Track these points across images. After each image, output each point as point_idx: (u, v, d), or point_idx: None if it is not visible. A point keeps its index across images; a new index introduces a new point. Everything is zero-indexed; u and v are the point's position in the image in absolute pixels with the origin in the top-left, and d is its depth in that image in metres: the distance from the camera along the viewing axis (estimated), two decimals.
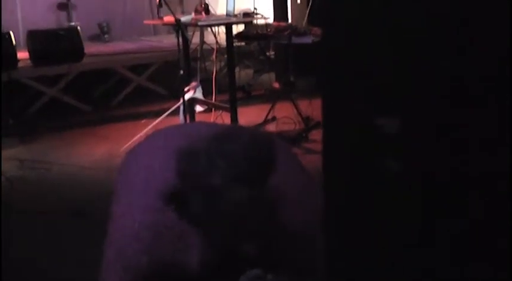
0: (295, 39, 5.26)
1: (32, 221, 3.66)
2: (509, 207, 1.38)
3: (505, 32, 1.31)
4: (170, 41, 7.60)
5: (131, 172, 1.79)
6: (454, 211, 1.44)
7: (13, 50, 6.34)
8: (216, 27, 5.85)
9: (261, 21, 5.79)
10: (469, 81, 1.39)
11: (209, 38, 6.96)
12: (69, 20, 7.91)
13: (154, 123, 5.24)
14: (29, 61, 6.57)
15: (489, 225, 1.44)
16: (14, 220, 1.64)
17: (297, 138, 5.09)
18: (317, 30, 5.32)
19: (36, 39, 6.50)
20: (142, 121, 5.76)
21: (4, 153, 5.26)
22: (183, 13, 6.47)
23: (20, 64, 6.44)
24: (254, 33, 5.63)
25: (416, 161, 1.48)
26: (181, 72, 5.00)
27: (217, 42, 6.00)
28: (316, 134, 5.17)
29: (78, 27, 6.87)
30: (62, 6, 8.03)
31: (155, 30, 8.90)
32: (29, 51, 6.58)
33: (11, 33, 6.36)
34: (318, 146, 4.91)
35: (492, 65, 1.36)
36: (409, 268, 1.54)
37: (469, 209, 1.44)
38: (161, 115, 5.39)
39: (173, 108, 5.34)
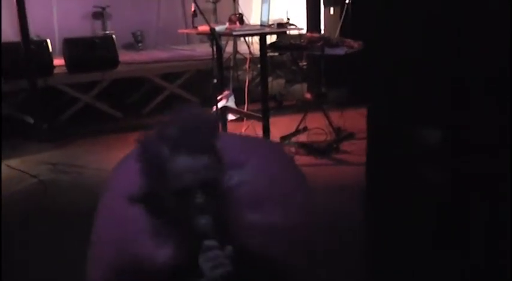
0: (328, 51, 5.25)
1: (64, 223, 3.73)
2: None
3: None
4: (203, 50, 7.66)
5: (112, 177, 1.91)
6: (497, 218, 1.42)
7: (49, 58, 6.46)
8: (249, 37, 5.86)
9: (293, 32, 5.80)
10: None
11: (241, 48, 6.98)
12: (104, 29, 8.02)
13: None
14: (64, 68, 6.67)
15: None
16: (46, 221, 1.67)
17: (328, 149, 5.07)
18: (350, 42, 5.31)
19: (72, 47, 6.60)
20: None
21: (37, 157, 5.37)
22: (217, 22, 6.51)
23: (55, 71, 6.55)
24: (288, 43, 5.64)
25: (460, 169, 1.47)
26: (215, 81, 5.02)
27: (250, 52, 6.01)
28: (347, 145, 5.15)
29: (113, 36, 6.96)
30: (97, 15, 8.15)
31: (188, 39, 8.98)
32: (64, 59, 6.68)
33: (48, 41, 6.47)
34: (349, 157, 4.90)
35: None
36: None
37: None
38: None
39: None
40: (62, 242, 3.47)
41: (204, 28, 5.14)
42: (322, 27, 6.94)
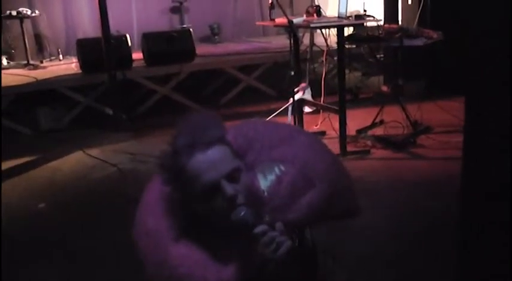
0: (407, 42, 5.16)
1: None
2: None
3: None
4: (279, 42, 7.68)
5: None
6: None
7: (128, 52, 6.62)
8: (326, 29, 5.82)
9: (370, 23, 5.72)
10: None
11: (317, 40, 6.96)
12: (182, 22, 8.16)
13: None
14: (142, 61, 6.83)
15: None
16: (125, 208, 1.73)
17: (405, 142, 4.99)
18: (429, 32, 5.20)
19: (151, 40, 6.75)
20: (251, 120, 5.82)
21: (117, 146, 5.53)
22: (293, 15, 6.51)
23: (134, 64, 6.72)
24: (365, 35, 5.58)
25: None
26: (292, 73, 5.03)
27: (327, 44, 5.98)
28: (424, 139, 5.06)
29: (191, 29, 7.06)
30: (175, 9, 8.31)
31: (264, 32, 9.02)
32: (143, 52, 6.85)
33: (127, 36, 6.64)
34: (426, 152, 4.82)
35: None
36: None
37: None
38: (269, 115, 5.43)
39: (282, 108, 5.38)
40: None
41: (281, 20, 5.14)
42: (399, 17, 6.82)
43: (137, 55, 6.83)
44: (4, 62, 7.28)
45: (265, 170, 1.75)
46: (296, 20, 4.88)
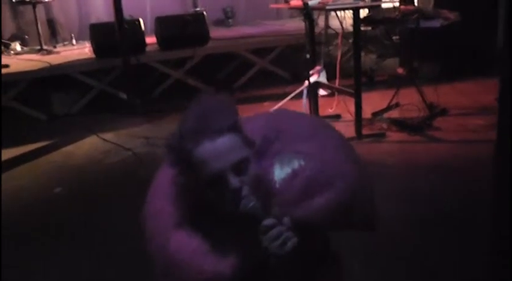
0: (423, 23, 5.12)
1: None
2: None
3: None
4: (293, 25, 7.66)
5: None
6: None
7: (142, 36, 6.63)
8: (342, 11, 5.78)
9: (386, 5, 5.68)
10: None
11: (332, 22, 6.91)
12: (195, 6, 8.13)
13: (277, 105, 5.29)
14: (156, 46, 6.84)
15: None
16: (140, 191, 1.75)
17: (421, 125, 4.97)
18: (446, 13, 5.15)
19: (164, 24, 6.75)
20: (265, 103, 5.84)
21: (131, 130, 5.56)
22: None
23: (147, 49, 6.73)
24: (381, 17, 5.53)
25: None
26: (307, 56, 5.00)
27: (342, 26, 5.94)
28: (441, 122, 5.04)
29: (204, 13, 7.04)
30: None
31: (278, 15, 8.98)
32: (156, 36, 6.85)
33: (140, 20, 6.64)
34: (442, 134, 4.80)
35: None
36: None
37: None
38: (283, 98, 5.43)
39: (298, 91, 5.37)
40: None
41: (296, 2, 5.12)
42: None
43: (151, 39, 6.85)
44: (18, 47, 7.31)
45: (283, 162, 1.70)
46: (311, 2, 4.84)
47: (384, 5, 5.66)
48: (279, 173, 1.68)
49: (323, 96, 5.80)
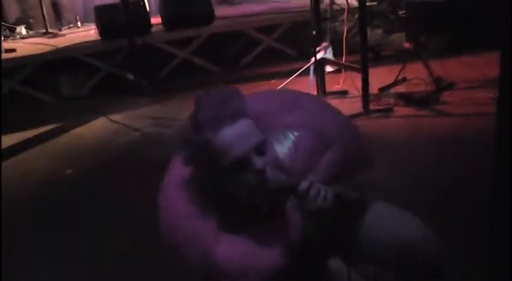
0: None
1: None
2: None
3: None
4: (298, 1, 7.64)
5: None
6: None
7: (147, 16, 6.65)
8: None
9: None
10: None
11: None
12: None
13: (285, 83, 5.32)
14: (161, 26, 6.85)
15: None
16: (151, 172, 1.77)
17: (428, 100, 4.98)
18: None
19: (169, 4, 6.75)
20: (272, 81, 5.86)
21: (139, 111, 5.62)
22: None
23: (153, 29, 6.75)
24: None
25: None
26: (314, 32, 5.01)
27: (347, 2, 5.94)
28: (448, 96, 5.04)
29: None
30: None
31: None
32: (161, 17, 6.85)
33: (145, 0, 6.65)
34: (450, 108, 4.81)
35: None
36: None
37: None
38: (290, 76, 5.45)
39: (304, 68, 5.38)
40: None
41: None
42: None
43: (156, 19, 6.87)
44: (23, 31, 7.35)
45: (279, 138, 1.76)
46: None
47: None
48: (281, 149, 1.74)
49: (330, 72, 5.80)
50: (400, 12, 6.93)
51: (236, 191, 1.65)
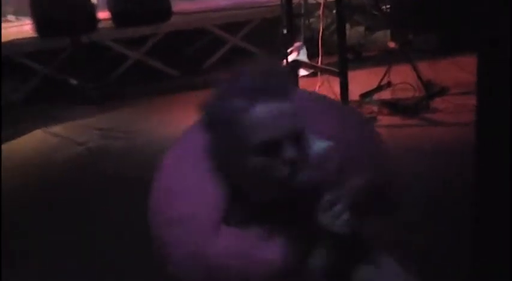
0: None
1: (116, 194, 3.83)
2: None
3: None
4: None
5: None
6: None
7: (93, 10, 6.59)
8: None
9: None
10: None
11: None
12: None
13: None
14: (110, 22, 6.79)
15: None
16: (95, 193, 1.74)
17: (416, 107, 5.01)
18: None
19: None
20: None
21: (83, 122, 5.56)
22: None
23: (100, 25, 6.69)
24: None
25: None
26: (284, 31, 5.01)
27: None
28: (439, 102, 5.08)
29: None
30: None
31: None
32: (110, 11, 6.79)
33: None
34: (441, 116, 4.84)
35: None
36: None
37: None
38: None
39: None
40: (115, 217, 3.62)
41: None
42: None
43: (103, 14, 6.81)
44: None
45: (312, 139, 1.72)
46: None
47: None
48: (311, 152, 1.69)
49: (304, 76, 5.82)
50: (384, 7, 6.99)
51: (254, 179, 1.62)
